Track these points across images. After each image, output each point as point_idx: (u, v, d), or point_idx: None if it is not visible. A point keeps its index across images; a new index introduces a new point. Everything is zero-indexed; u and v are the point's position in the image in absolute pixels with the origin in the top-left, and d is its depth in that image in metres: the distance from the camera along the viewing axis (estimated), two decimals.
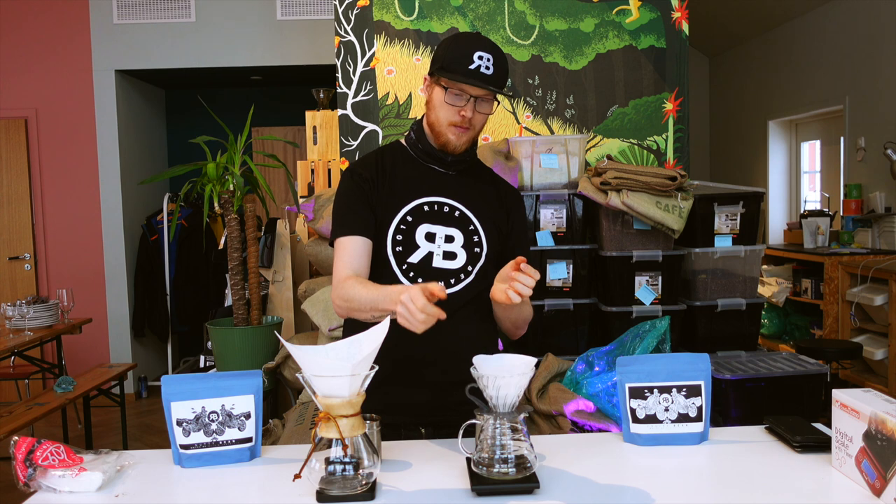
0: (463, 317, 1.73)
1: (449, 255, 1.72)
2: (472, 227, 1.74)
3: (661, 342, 2.52)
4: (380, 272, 1.73)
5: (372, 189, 1.73)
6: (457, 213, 1.74)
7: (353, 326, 1.67)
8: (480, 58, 1.64)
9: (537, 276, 1.47)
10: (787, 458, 1.49)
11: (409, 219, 1.72)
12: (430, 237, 1.72)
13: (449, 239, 1.72)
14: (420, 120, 1.80)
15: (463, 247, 1.72)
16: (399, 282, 1.70)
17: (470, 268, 1.73)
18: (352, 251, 1.69)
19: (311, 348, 1.33)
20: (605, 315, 2.85)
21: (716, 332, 2.86)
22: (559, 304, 2.84)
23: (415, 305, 1.39)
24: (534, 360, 1.39)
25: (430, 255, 1.71)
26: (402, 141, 1.84)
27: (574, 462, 1.48)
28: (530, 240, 1.89)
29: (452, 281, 1.71)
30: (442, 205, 1.74)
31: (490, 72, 1.65)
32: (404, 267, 1.71)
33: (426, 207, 1.73)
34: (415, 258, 1.71)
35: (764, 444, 1.57)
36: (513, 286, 1.46)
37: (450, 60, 1.67)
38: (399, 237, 1.71)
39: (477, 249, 1.73)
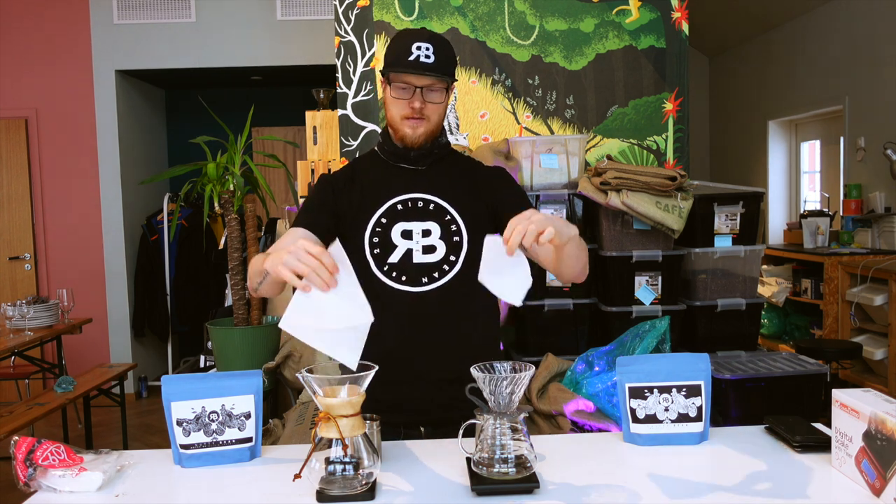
0: (461, 311, 1.73)
1: (428, 249, 1.71)
2: (448, 217, 1.73)
3: (661, 342, 2.52)
4: (360, 278, 1.72)
5: (339, 195, 1.75)
6: (431, 206, 1.74)
7: None
8: (419, 48, 1.66)
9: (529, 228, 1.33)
10: (787, 458, 1.49)
11: (384, 220, 1.73)
12: (407, 234, 1.72)
13: (426, 233, 1.72)
14: (386, 124, 1.82)
15: (441, 238, 1.72)
16: (382, 285, 1.70)
17: (453, 258, 1.72)
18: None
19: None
20: (605, 315, 2.85)
21: (716, 332, 2.86)
22: (559, 304, 2.84)
23: (297, 246, 1.34)
24: (532, 366, 1.39)
25: (409, 252, 1.71)
26: (376, 147, 1.86)
27: (574, 462, 1.48)
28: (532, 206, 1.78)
29: (437, 275, 1.71)
30: (416, 200, 1.74)
31: (430, 60, 1.66)
32: (385, 268, 1.71)
33: (399, 206, 1.73)
34: (394, 258, 1.71)
35: (764, 444, 1.57)
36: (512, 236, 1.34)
37: (391, 56, 1.71)
38: (376, 240, 1.72)
39: (456, 238, 1.72)
